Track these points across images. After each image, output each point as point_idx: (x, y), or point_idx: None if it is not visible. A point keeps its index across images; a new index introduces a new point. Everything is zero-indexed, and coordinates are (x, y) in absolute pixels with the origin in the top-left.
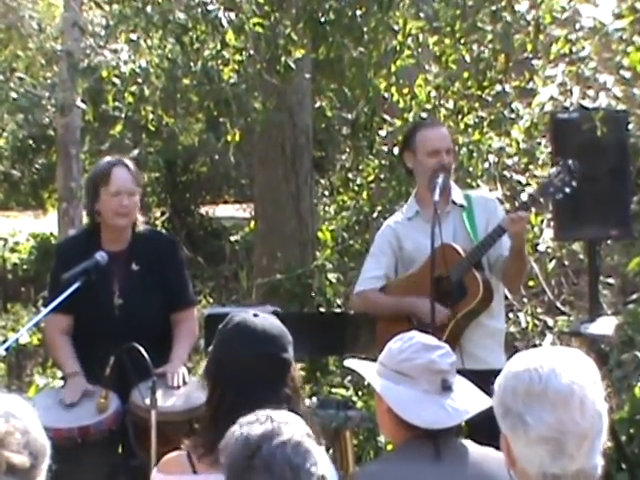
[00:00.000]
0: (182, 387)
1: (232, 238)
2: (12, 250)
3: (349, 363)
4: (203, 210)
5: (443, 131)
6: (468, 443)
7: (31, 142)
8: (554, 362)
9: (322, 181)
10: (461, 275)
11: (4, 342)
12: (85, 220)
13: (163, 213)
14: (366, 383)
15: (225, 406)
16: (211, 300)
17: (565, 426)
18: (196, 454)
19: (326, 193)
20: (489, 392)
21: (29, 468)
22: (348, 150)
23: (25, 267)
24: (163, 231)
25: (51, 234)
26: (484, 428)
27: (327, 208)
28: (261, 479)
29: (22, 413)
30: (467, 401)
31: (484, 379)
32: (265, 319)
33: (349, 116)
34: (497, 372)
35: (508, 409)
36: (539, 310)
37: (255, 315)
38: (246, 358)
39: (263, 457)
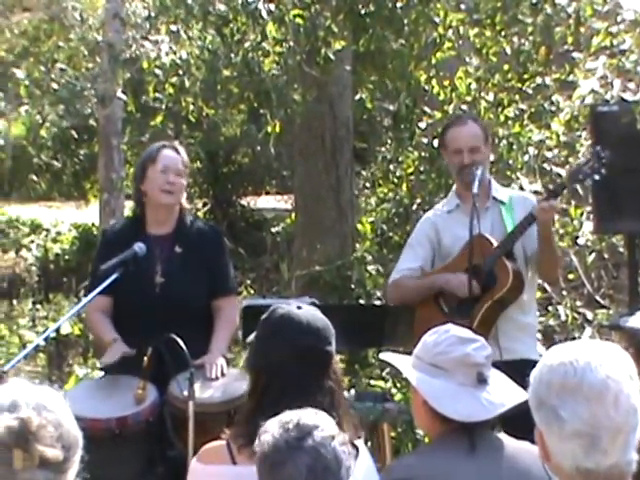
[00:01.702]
0: (220, 378)
1: (273, 229)
2: (54, 240)
3: (385, 356)
4: (245, 201)
5: (468, 129)
6: (503, 437)
7: (74, 133)
8: (590, 356)
9: (363, 173)
10: (492, 264)
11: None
12: (126, 212)
13: (205, 204)
14: (404, 376)
15: (269, 397)
16: (252, 291)
17: (599, 421)
18: (236, 445)
19: (367, 185)
20: (522, 382)
21: (62, 461)
22: (389, 142)
23: (67, 257)
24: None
25: (93, 224)
26: (519, 421)
27: (368, 200)
28: (306, 461)
29: (54, 405)
30: (503, 394)
31: (518, 369)
32: (308, 311)
33: (391, 108)
34: (531, 362)
35: (542, 402)
36: (578, 303)
37: (299, 307)
38: (291, 350)
39: (315, 442)
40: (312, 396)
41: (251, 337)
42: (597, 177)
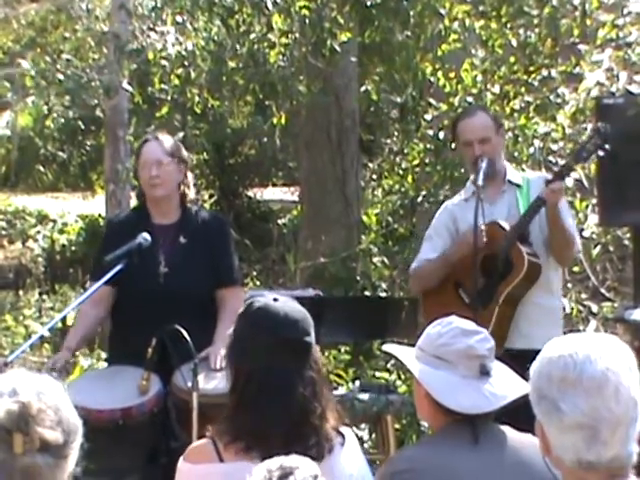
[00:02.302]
0: (224, 369)
1: (280, 221)
2: (61, 231)
3: (388, 347)
4: (251, 193)
5: (477, 120)
6: (506, 429)
7: (80, 124)
8: (589, 348)
9: (370, 165)
10: (507, 250)
11: None
12: (132, 202)
13: (211, 196)
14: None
15: (251, 392)
16: (258, 283)
17: (599, 413)
18: (222, 442)
19: (374, 177)
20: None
21: (62, 445)
22: (396, 134)
23: (73, 248)
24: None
25: (99, 215)
26: (523, 413)
27: (374, 192)
28: None
29: (53, 391)
30: (506, 386)
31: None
32: (285, 303)
33: (398, 99)
34: None
35: (543, 395)
36: (583, 296)
37: (275, 300)
38: (269, 343)
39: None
40: (293, 387)
41: (229, 331)
42: (602, 153)
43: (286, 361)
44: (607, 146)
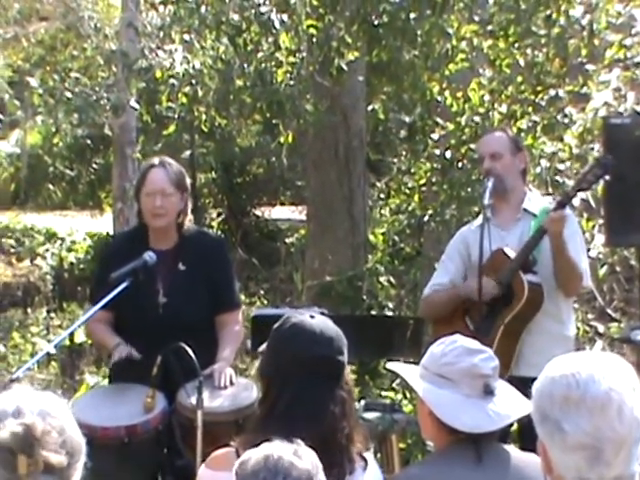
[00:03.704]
0: (229, 387)
1: (287, 240)
2: (69, 249)
3: (392, 366)
4: (259, 211)
5: (492, 136)
6: (510, 448)
7: (89, 142)
8: (592, 368)
9: (378, 184)
10: (509, 279)
11: None
12: None
13: (219, 214)
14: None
15: (281, 406)
16: (265, 301)
17: (602, 433)
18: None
19: (381, 196)
20: None
21: (66, 467)
22: (404, 153)
23: (81, 266)
24: (212, 232)
25: (107, 234)
26: (532, 432)
27: (382, 211)
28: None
29: (58, 411)
30: (509, 406)
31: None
32: (322, 321)
33: (405, 119)
34: None
35: (545, 415)
36: (590, 316)
37: (311, 317)
38: (304, 359)
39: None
40: (324, 406)
41: (263, 346)
42: (600, 183)
43: (319, 378)
44: (607, 177)
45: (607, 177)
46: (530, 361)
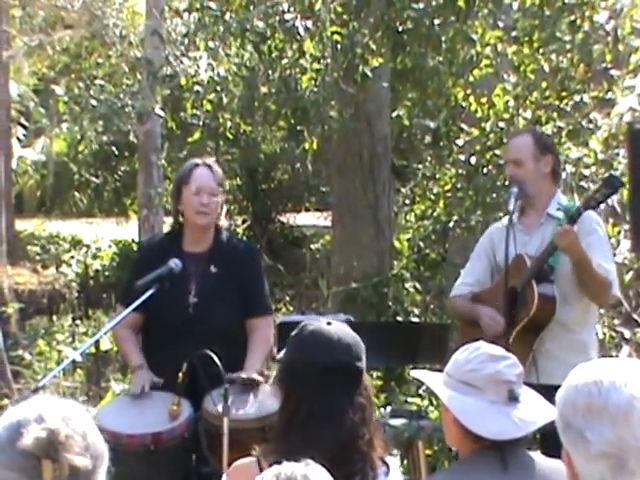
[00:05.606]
0: (255, 394)
1: (312, 246)
2: (94, 256)
3: (416, 373)
4: (284, 218)
5: (516, 141)
6: (536, 455)
7: (114, 149)
8: (614, 375)
9: (402, 190)
10: (524, 287)
11: None
12: (165, 227)
13: (244, 221)
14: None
15: (301, 414)
16: (291, 308)
17: (625, 442)
18: (267, 462)
19: (406, 202)
20: None
21: (91, 470)
22: (429, 159)
23: (107, 273)
24: (244, 238)
25: (132, 241)
26: (556, 439)
27: (407, 217)
28: None
29: (79, 417)
30: (534, 412)
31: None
32: (339, 327)
33: (431, 125)
34: None
35: (568, 424)
36: (616, 322)
37: (329, 323)
38: (322, 366)
39: None
40: (343, 412)
41: (280, 354)
42: (609, 201)
43: (337, 385)
44: (615, 195)
45: (615, 195)
46: (546, 369)
